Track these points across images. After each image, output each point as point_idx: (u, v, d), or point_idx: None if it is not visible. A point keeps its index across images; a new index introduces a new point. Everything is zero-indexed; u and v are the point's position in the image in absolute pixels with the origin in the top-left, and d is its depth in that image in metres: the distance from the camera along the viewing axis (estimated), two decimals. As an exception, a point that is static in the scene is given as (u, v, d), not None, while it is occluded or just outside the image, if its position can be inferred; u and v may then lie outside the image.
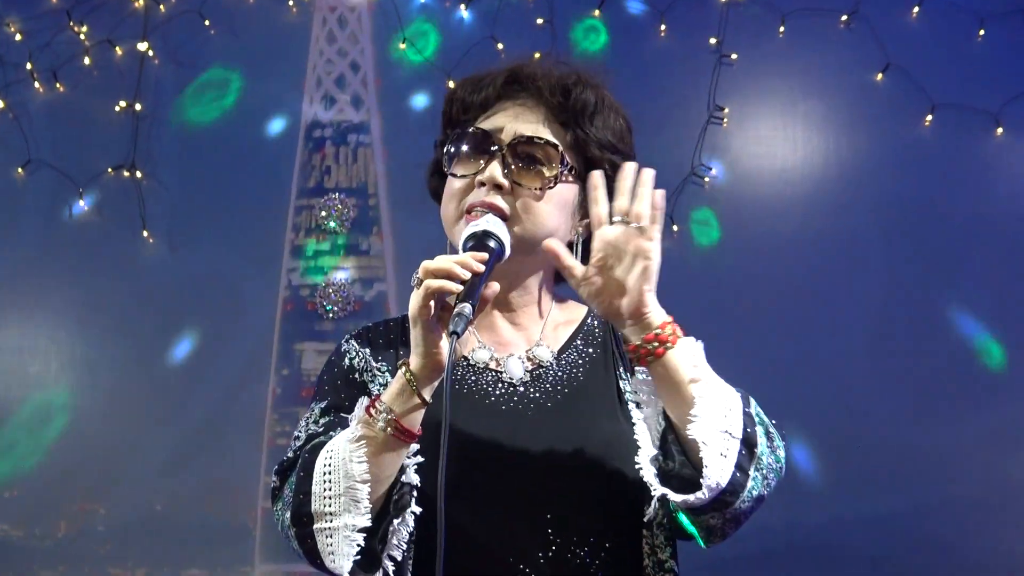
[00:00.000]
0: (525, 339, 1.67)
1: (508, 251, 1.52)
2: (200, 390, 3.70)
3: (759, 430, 1.50)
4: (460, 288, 1.42)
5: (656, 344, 1.48)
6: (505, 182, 1.58)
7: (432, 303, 1.42)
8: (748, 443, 1.47)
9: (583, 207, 1.63)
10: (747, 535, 1.60)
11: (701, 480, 1.45)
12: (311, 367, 3.73)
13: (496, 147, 1.60)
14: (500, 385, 1.61)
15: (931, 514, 3.50)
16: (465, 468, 1.50)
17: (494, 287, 1.46)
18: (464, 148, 1.62)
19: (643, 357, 1.48)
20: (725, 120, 3.74)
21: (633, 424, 1.58)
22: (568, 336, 1.70)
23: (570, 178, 1.62)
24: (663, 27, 3.78)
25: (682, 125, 3.72)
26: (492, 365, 1.63)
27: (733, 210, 3.71)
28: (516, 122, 1.62)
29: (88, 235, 3.78)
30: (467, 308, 1.39)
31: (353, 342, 1.67)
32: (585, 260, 1.54)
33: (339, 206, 3.79)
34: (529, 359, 1.64)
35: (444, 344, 1.43)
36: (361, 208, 3.80)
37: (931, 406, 3.56)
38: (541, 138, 1.61)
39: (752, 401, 1.56)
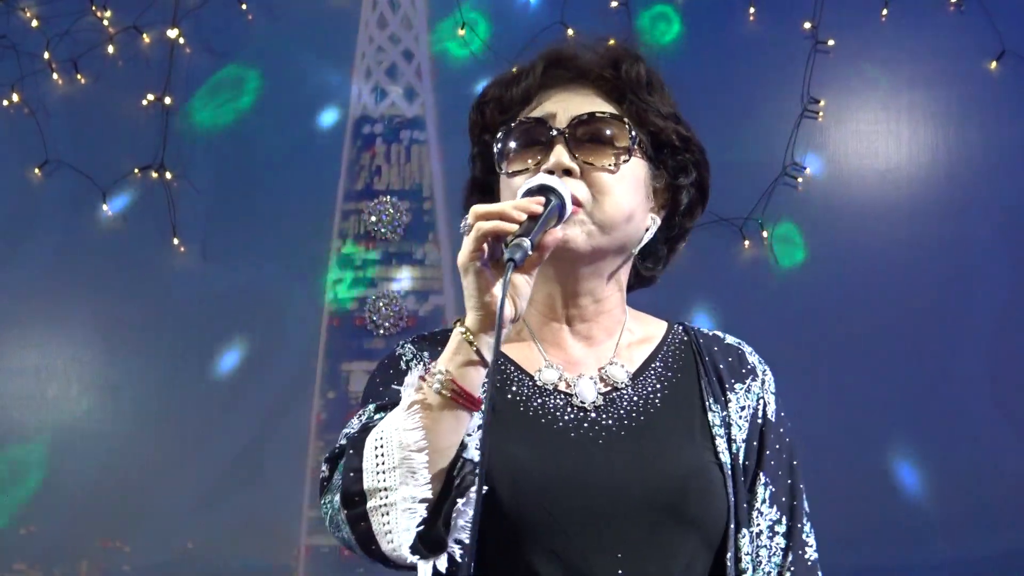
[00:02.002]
0: (597, 356, 1.59)
1: (569, 208, 1.45)
2: (237, 415, 3.58)
3: None
4: (516, 228, 1.36)
5: None
6: (574, 165, 1.50)
7: (485, 247, 1.35)
8: None
9: (655, 189, 1.59)
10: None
11: None
12: (359, 389, 3.47)
13: (555, 131, 1.52)
14: (570, 409, 1.53)
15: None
16: (534, 498, 1.44)
17: (556, 234, 1.41)
18: (518, 143, 1.55)
19: None
20: (821, 114, 3.55)
21: (718, 460, 1.54)
22: (646, 356, 1.61)
23: (639, 153, 1.55)
24: (752, 10, 3.58)
25: (773, 120, 3.55)
26: (562, 387, 1.55)
27: (830, 214, 3.54)
28: (569, 104, 1.55)
29: (112, 243, 3.68)
30: (526, 242, 1.34)
31: (409, 346, 1.61)
32: (645, 250, 1.58)
33: (391, 210, 3.62)
34: (602, 379, 1.56)
35: (499, 288, 1.36)
36: (415, 212, 3.64)
37: None
38: (604, 112, 1.54)
39: None
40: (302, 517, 3.51)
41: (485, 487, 1.37)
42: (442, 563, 1.37)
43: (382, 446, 1.35)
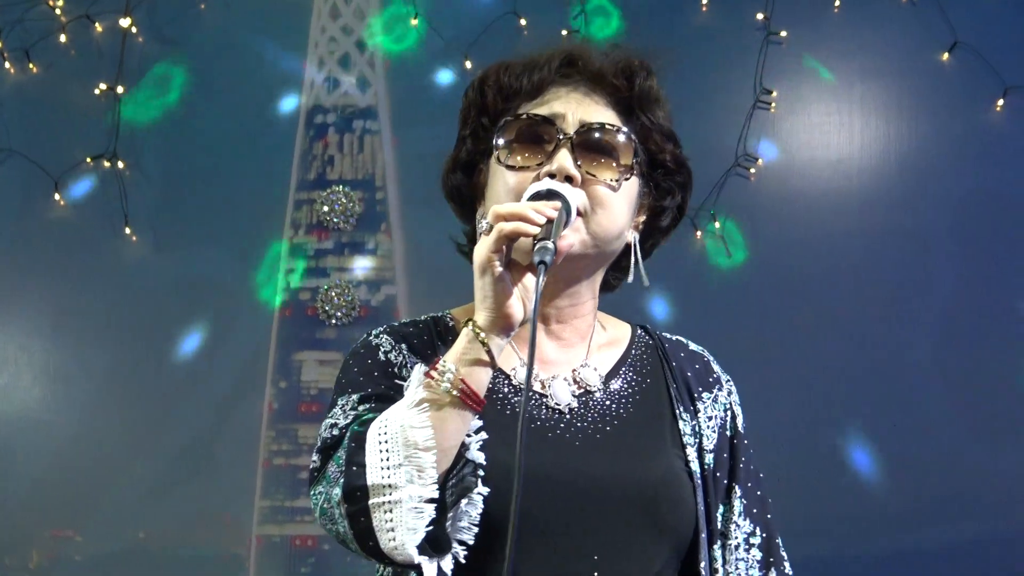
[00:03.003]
0: (570, 358, 1.58)
1: (574, 217, 1.45)
2: (189, 405, 3.53)
3: None
4: (537, 231, 1.35)
5: None
6: (577, 173, 1.48)
7: (504, 249, 1.35)
8: None
9: (640, 206, 1.59)
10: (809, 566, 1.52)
11: None
12: (311, 379, 3.54)
13: (563, 135, 1.50)
14: (546, 410, 1.53)
15: (1010, 546, 3.31)
16: (509, 498, 1.37)
17: (570, 239, 1.41)
18: (520, 137, 1.52)
19: None
20: (773, 105, 3.52)
21: (688, 469, 1.54)
22: (615, 360, 1.61)
23: (637, 170, 1.54)
24: (704, 1, 3.55)
25: (725, 111, 3.52)
26: (536, 387, 1.55)
27: (783, 205, 3.51)
28: (578, 108, 1.53)
29: (64, 233, 3.62)
30: (551, 244, 1.34)
31: (385, 337, 1.57)
32: (618, 261, 1.58)
33: (343, 200, 3.58)
34: (575, 382, 1.56)
35: (515, 300, 1.37)
36: (368, 202, 3.59)
37: (1010, 422, 3.35)
38: (614, 125, 1.52)
39: None
40: (254, 507, 3.47)
41: (486, 488, 1.38)
42: (447, 564, 1.36)
43: (386, 442, 1.34)
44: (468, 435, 1.39)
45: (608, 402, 1.55)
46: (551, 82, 1.55)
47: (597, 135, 1.50)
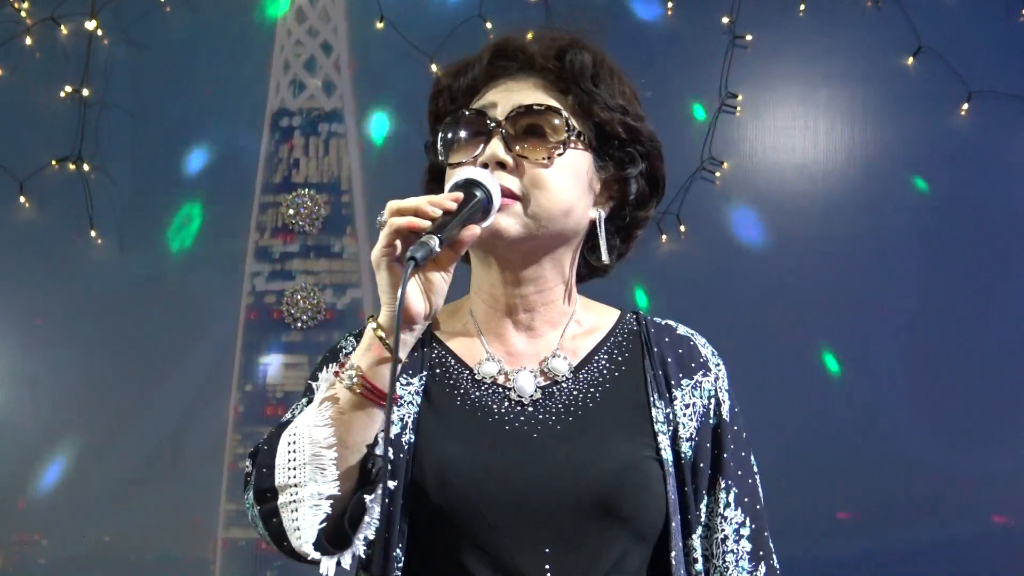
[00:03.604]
0: (539, 349, 1.56)
1: (497, 202, 1.44)
2: (154, 408, 3.52)
3: None
4: (428, 225, 1.35)
5: None
6: (508, 159, 1.48)
7: (398, 244, 1.34)
8: None
9: (601, 180, 1.56)
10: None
11: None
12: (277, 382, 3.53)
13: (493, 123, 1.51)
14: (507, 403, 1.51)
15: (972, 547, 3.32)
16: (462, 492, 1.43)
17: (474, 230, 1.39)
18: (459, 134, 1.54)
19: None
20: (738, 109, 3.52)
21: (658, 456, 1.50)
22: (591, 348, 1.58)
23: (579, 145, 1.52)
24: (669, 5, 3.56)
25: (690, 115, 3.52)
26: (500, 380, 1.53)
27: (747, 209, 3.51)
28: (510, 94, 1.53)
29: (29, 235, 3.59)
30: (434, 240, 1.32)
31: (352, 339, 1.59)
32: (594, 241, 1.55)
33: (309, 203, 3.56)
34: (543, 372, 1.54)
35: (415, 295, 1.36)
36: (333, 205, 3.58)
37: (975, 426, 3.36)
38: (541, 104, 1.51)
39: None
40: (219, 510, 3.46)
41: (393, 481, 1.41)
42: (347, 560, 1.37)
43: (294, 442, 1.36)
44: (382, 431, 1.38)
45: (575, 392, 1.53)
46: (490, 76, 1.56)
47: (525, 117, 1.50)
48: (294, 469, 1.35)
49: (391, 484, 1.41)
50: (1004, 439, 3.34)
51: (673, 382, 1.55)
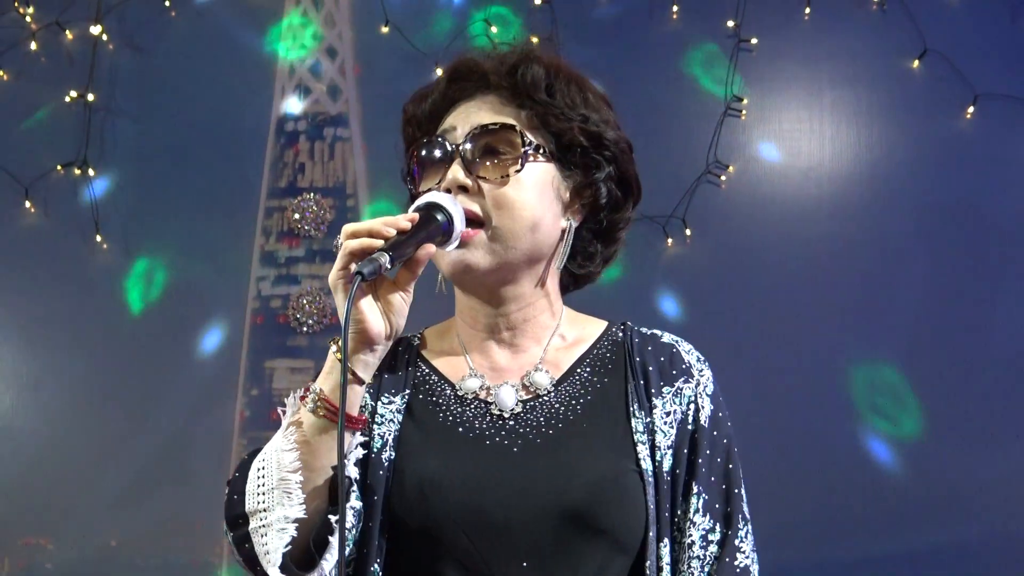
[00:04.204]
0: (521, 364, 1.56)
1: (459, 225, 1.45)
2: (160, 413, 3.52)
3: None
4: (381, 243, 1.35)
5: None
6: (468, 181, 1.49)
7: (353, 266, 1.34)
8: None
9: (570, 189, 1.55)
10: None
11: None
12: (283, 386, 3.53)
13: (452, 147, 1.52)
14: (488, 417, 1.51)
15: (977, 550, 3.29)
16: (440, 506, 1.44)
17: (429, 248, 1.40)
18: (424, 161, 1.54)
19: None
20: (744, 112, 3.51)
21: (638, 468, 1.48)
22: (573, 361, 1.57)
23: (539, 158, 1.52)
24: (675, 8, 3.54)
25: (696, 118, 3.51)
26: (483, 395, 1.53)
27: (753, 212, 3.50)
28: (468, 117, 1.54)
29: (35, 240, 3.61)
30: (384, 257, 1.32)
31: None
32: (574, 249, 1.56)
33: (314, 207, 3.57)
34: (524, 387, 1.54)
35: (373, 316, 1.37)
36: (339, 210, 3.58)
37: (978, 430, 3.33)
38: (495, 123, 1.52)
39: None
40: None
41: (358, 503, 1.41)
42: None
43: (263, 467, 1.37)
44: (349, 452, 1.40)
45: (557, 405, 1.52)
46: (450, 100, 1.56)
47: (481, 138, 1.50)
48: (263, 494, 1.36)
49: (357, 504, 1.41)
50: (1007, 442, 3.33)
51: (654, 391, 1.53)
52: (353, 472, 1.42)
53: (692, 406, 1.54)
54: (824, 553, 3.32)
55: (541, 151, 1.52)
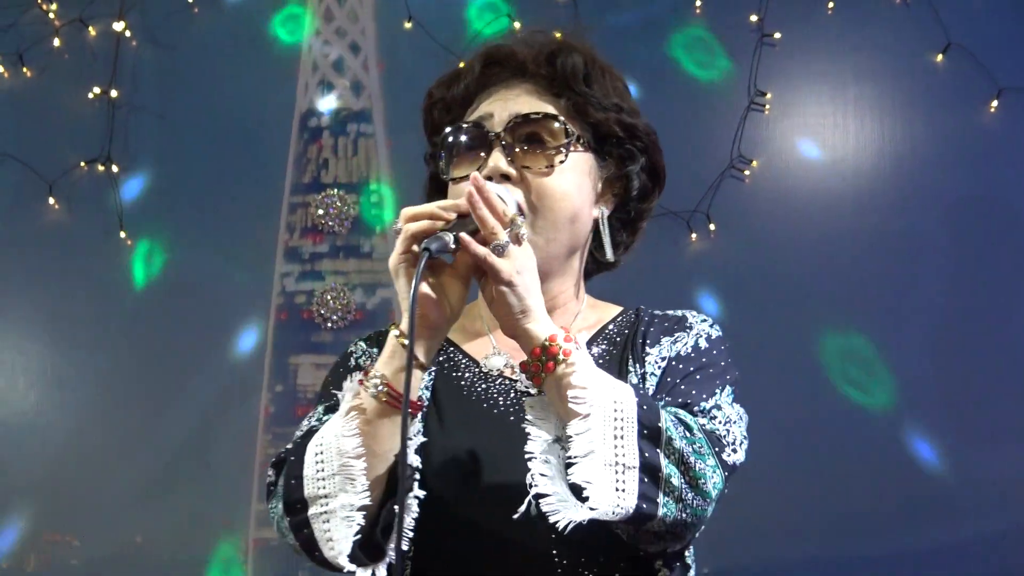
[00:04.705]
0: None
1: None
2: (184, 408, 3.52)
3: (661, 454, 1.35)
4: (441, 225, 1.35)
5: (544, 359, 1.36)
6: (512, 170, 1.49)
7: (415, 249, 1.34)
8: (648, 469, 1.33)
9: (603, 179, 1.58)
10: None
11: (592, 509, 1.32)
12: (307, 382, 3.53)
13: (492, 135, 1.51)
14: (513, 394, 1.52)
15: (998, 545, 3.27)
16: (468, 478, 1.44)
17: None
18: (458, 147, 1.54)
19: (534, 375, 1.37)
20: (767, 107, 3.50)
21: None
22: (588, 339, 1.60)
23: (579, 148, 1.53)
24: (698, 3, 3.54)
25: (719, 112, 3.51)
26: (507, 372, 1.54)
27: (777, 207, 3.49)
28: (506, 104, 1.54)
29: (59, 237, 3.61)
30: (449, 236, 1.32)
31: (361, 343, 1.62)
32: (625, 248, 1.61)
33: (338, 203, 3.56)
34: (520, 366, 1.50)
35: (431, 297, 1.36)
36: (363, 205, 3.58)
37: (1003, 424, 3.32)
38: (538, 112, 1.52)
39: (668, 416, 1.38)
40: (250, 510, 3.46)
41: (422, 492, 1.38)
42: (381, 571, 1.38)
43: (322, 452, 1.36)
44: (409, 437, 1.37)
45: None
46: (480, 85, 1.57)
47: (523, 126, 1.50)
48: (323, 480, 1.35)
49: (420, 494, 1.40)
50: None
51: (650, 341, 1.54)
52: (415, 460, 1.41)
53: (679, 344, 1.53)
54: (842, 549, 3.32)
55: (581, 141, 1.53)
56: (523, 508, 1.37)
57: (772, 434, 3.16)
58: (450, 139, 1.54)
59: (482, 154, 1.51)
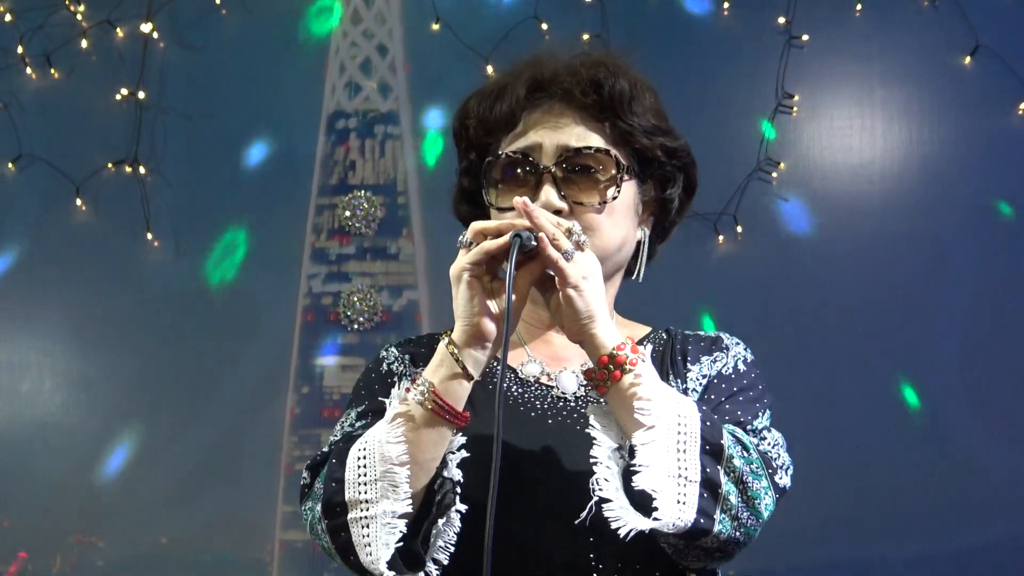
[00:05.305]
0: (580, 353, 1.52)
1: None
2: (210, 410, 3.52)
3: (721, 471, 1.38)
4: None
5: (612, 367, 1.38)
6: (564, 205, 1.49)
7: (484, 265, 1.36)
8: (709, 485, 1.36)
9: (643, 201, 1.59)
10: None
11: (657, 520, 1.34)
12: (333, 384, 3.52)
13: (542, 167, 1.51)
14: (550, 399, 1.54)
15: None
16: (505, 482, 1.38)
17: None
18: (504, 176, 1.54)
19: (599, 383, 1.39)
20: (795, 109, 3.49)
21: None
22: None
23: (627, 177, 1.54)
24: (726, 5, 3.53)
25: (746, 115, 3.49)
26: (544, 379, 1.56)
27: (804, 209, 3.49)
28: (554, 134, 1.53)
29: (86, 238, 3.60)
30: (532, 238, 1.35)
31: (393, 349, 1.62)
32: (650, 258, 1.61)
33: (365, 205, 3.55)
34: (584, 374, 1.50)
35: (489, 315, 1.37)
36: (389, 207, 3.56)
37: None
38: (590, 147, 1.52)
39: (728, 434, 1.40)
40: (276, 512, 3.45)
41: (464, 506, 1.38)
42: None
43: (364, 457, 1.36)
44: (451, 452, 1.40)
45: None
46: (523, 108, 1.56)
47: (576, 162, 1.51)
48: (365, 485, 1.35)
49: (463, 508, 1.40)
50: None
51: (690, 359, 1.58)
52: (456, 474, 1.41)
53: (719, 364, 1.58)
54: (877, 551, 3.31)
55: (628, 171, 1.54)
56: (584, 513, 1.38)
57: (799, 435, 3.18)
58: (496, 167, 1.54)
59: (529, 184, 1.51)
